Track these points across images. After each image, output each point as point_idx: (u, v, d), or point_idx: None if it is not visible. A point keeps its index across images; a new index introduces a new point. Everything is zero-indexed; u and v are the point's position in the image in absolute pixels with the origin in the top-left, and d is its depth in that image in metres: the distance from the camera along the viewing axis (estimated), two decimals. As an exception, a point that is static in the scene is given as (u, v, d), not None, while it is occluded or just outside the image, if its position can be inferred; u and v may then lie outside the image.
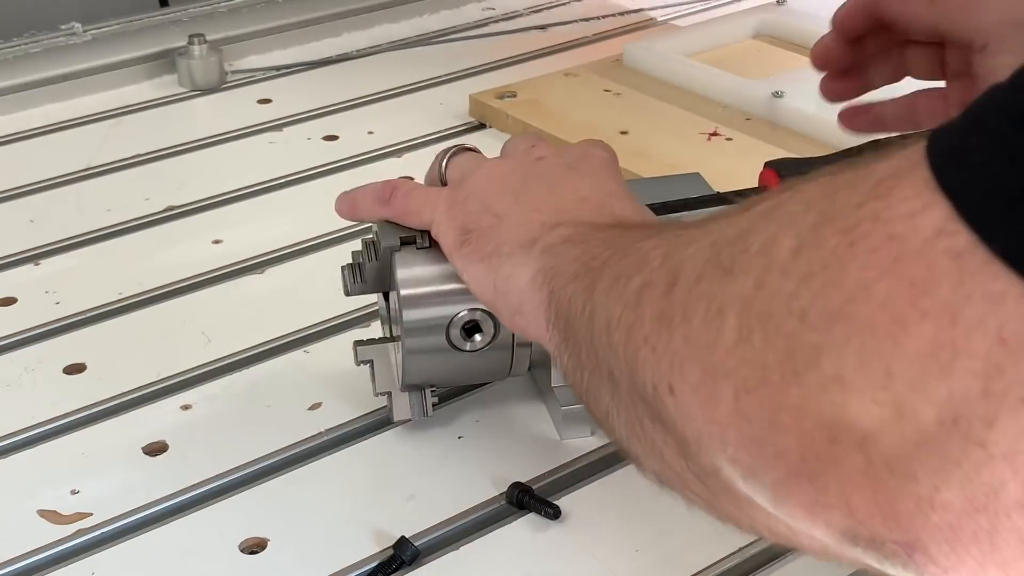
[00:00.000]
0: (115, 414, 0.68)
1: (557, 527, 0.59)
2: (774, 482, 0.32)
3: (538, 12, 1.26)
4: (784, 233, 0.32)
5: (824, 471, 0.30)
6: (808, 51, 1.09)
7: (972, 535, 0.28)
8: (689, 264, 0.36)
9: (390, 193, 0.61)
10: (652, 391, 0.36)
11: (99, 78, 1.07)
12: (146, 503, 0.61)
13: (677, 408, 0.35)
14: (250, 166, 0.95)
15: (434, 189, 0.61)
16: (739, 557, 0.57)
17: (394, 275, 0.60)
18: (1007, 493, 0.28)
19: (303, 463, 0.64)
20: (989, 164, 0.27)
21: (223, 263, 0.82)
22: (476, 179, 0.57)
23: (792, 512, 0.32)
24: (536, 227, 0.52)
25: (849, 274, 0.30)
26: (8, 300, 0.79)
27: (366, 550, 0.58)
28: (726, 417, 0.33)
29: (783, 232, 0.32)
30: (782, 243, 0.32)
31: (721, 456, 0.34)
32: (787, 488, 0.32)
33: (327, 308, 0.76)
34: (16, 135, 1.01)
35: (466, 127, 1.01)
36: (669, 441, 0.37)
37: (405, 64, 1.14)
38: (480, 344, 0.60)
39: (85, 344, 0.74)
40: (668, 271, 0.37)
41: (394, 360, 0.64)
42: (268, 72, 1.12)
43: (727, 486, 0.35)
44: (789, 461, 0.31)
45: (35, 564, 0.58)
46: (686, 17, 1.25)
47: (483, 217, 0.55)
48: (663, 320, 0.36)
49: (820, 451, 0.30)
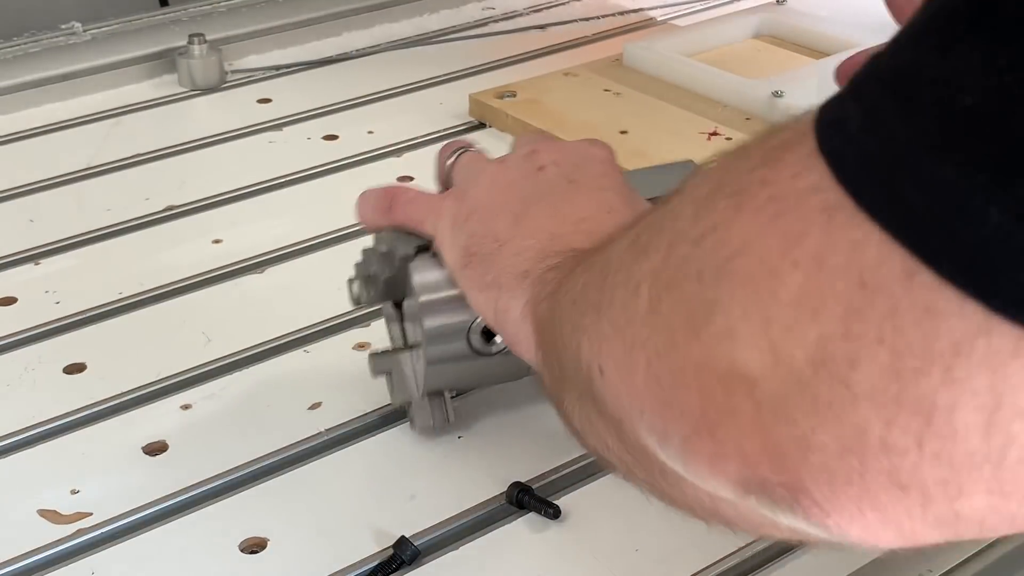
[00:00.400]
0: (115, 414, 0.68)
1: (557, 527, 0.59)
2: (682, 441, 0.34)
3: (538, 12, 1.26)
4: (685, 205, 0.35)
5: (721, 422, 0.32)
6: (808, 51, 1.10)
7: (846, 476, 0.30)
8: (616, 254, 0.39)
9: (390, 201, 0.61)
10: (588, 379, 0.39)
11: (99, 78, 1.07)
12: (146, 503, 0.61)
13: (606, 388, 0.37)
14: (250, 166, 0.95)
15: (436, 197, 0.61)
16: (739, 557, 0.57)
17: (411, 283, 0.59)
18: (872, 433, 0.29)
19: (303, 463, 0.64)
20: (861, 129, 0.29)
21: (223, 263, 0.82)
22: (479, 193, 0.58)
23: (699, 470, 0.34)
24: (531, 257, 0.53)
25: (734, 232, 0.32)
26: (8, 300, 0.79)
27: (366, 550, 0.58)
28: (641, 385, 0.35)
29: (685, 204, 0.35)
30: (684, 213, 0.34)
31: (641, 426, 0.36)
32: (692, 445, 0.33)
33: (327, 308, 0.77)
34: (16, 135, 1.01)
35: (466, 127, 1.01)
36: (609, 428, 0.39)
37: (405, 64, 1.14)
38: (500, 346, 0.60)
39: (85, 344, 0.74)
40: (601, 266, 0.40)
41: (412, 368, 0.63)
42: (268, 72, 1.12)
43: (654, 460, 0.37)
44: (692, 417, 0.33)
45: (35, 564, 0.58)
46: (686, 17, 1.25)
47: (485, 242, 0.56)
48: (596, 309, 0.39)
49: (718, 403, 0.32)
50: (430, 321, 0.59)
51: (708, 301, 0.32)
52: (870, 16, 1.21)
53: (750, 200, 0.32)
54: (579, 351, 0.40)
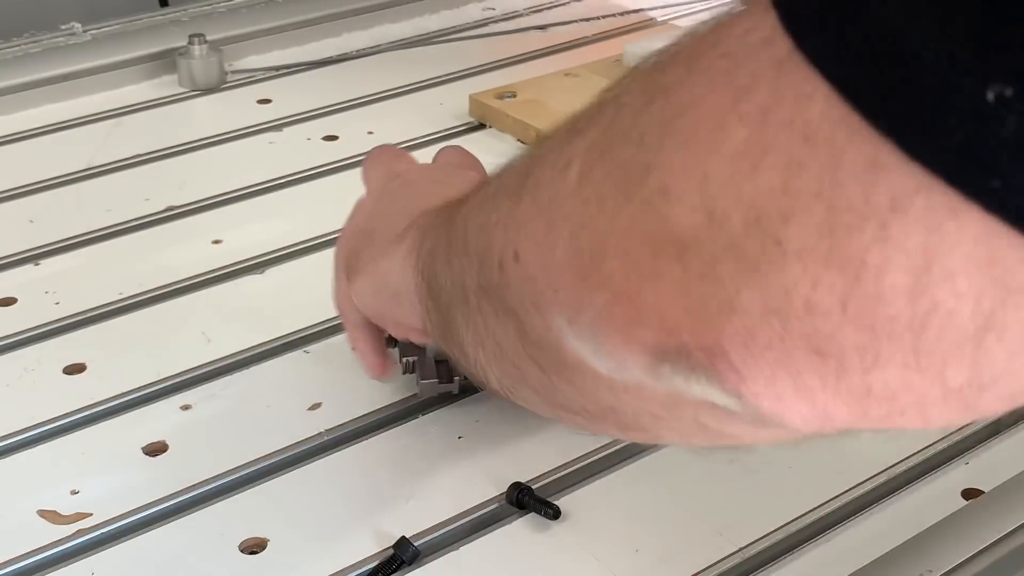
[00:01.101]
0: (115, 414, 0.68)
1: (557, 527, 0.59)
2: (597, 312, 0.33)
3: (538, 12, 1.26)
4: (635, 82, 0.34)
5: (644, 286, 0.32)
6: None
7: (767, 340, 0.29)
8: (542, 146, 0.38)
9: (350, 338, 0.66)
10: (499, 270, 0.38)
11: (99, 78, 1.07)
12: (146, 503, 0.61)
13: (519, 274, 0.36)
14: (250, 166, 0.95)
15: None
16: (739, 557, 0.57)
17: None
18: (797, 293, 0.28)
19: (303, 463, 0.64)
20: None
21: (223, 263, 0.82)
22: (346, 226, 0.63)
23: (611, 343, 0.33)
24: (404, 221, 0.53)
25: (683, 92, 0.31)
26: (8, 300, 0.79)
27: (366, 550, 0.58)
28: (561, 259, 0.34)
29: (634, 83, 0.34)
30: (631, 90, 0.33)
31: (553, 308, 0.35)
32: (609, 314, 0.33)
33: (327, 308, 0.76)
34: (16, 135, 1.01)
35: (466, 127, 1.01)
36: (507, 328, 0.38)
37: (405, 64, 1.14)
38: None
39: (85, 344, 0.74)
40: (520, 163, 0.39)
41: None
42: (268, 72, 1.12)
43: (558, 355, 0.36)
44: (613, 284, 0.32)
45: (35, 564, 0.58)
46: (686, 17, 1.25)
47: (357, 240, 0.58)
48: (515, 195, 0.38)
49: (643, 267, 0.31)
50: None
51: (645, 163, 0.31)
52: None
53: (701, 60, 0.31)
54: (488, 247, 0.39)
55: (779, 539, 0.58)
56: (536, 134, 0.96)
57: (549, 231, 0.35)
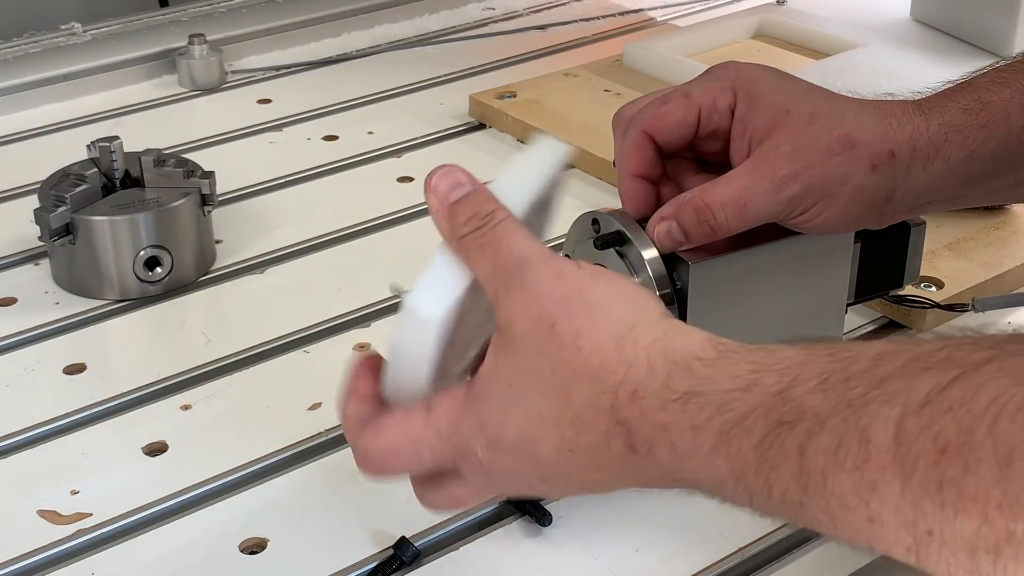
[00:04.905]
0: (115, 414, 0.68)
1: (557, 527, 0.59)
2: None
3: (538, 12, 1.26)
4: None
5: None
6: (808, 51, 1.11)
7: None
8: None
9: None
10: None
11: (99, 78, 1.07)
12: (146, 503, 0.61)
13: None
14: (250, 166, 0.95)
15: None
16: (739, 557, 0.57)
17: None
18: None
19: (303, 463, 0.64)
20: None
21: (223, 263, 0.82)
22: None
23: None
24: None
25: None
26: (8, 300, 0.79)
27: (366, 550, 0.58)
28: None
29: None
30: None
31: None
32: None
33: (327, 308, 0.77)
34: (16, 135, 1.01)
35: (466, 127, 1.01)
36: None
37: (405, 64, 1.14)
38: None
39: (85, 344, 0.74)
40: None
41: None
42: (268, 72, 1.12)
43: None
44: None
45: (35, 564, 0.58)
46: (686, 17, 1.25)
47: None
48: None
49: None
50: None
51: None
52: (870, 16, 1.22)
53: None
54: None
55: (779, 539, 0.58)
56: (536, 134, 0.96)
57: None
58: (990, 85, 0.61)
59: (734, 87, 0.60)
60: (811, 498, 0.39)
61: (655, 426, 0.43)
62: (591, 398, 0.45)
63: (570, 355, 0.45)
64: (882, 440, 0.36)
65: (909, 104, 0.60)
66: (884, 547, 0.37)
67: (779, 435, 0.39)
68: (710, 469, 0.42)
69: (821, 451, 0.38)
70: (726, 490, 0.42)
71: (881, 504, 0.36)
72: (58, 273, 0.79)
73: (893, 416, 0.36)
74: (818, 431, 0.38)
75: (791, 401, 0.40)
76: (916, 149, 0.59)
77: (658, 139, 0.60)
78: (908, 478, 0.35)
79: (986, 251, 0.79)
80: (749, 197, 0.57)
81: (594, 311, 0.46)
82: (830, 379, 0.39)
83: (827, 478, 0.38)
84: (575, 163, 0.94)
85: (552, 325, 0.46)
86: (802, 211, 0.58)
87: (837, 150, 0.57)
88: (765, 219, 0.58)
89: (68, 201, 0.76)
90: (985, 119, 0.59)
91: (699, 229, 0.57)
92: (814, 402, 0.39)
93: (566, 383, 0.45)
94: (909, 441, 0.36)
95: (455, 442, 0.48)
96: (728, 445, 0.41)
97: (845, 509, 0.38)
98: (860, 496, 0.37)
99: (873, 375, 0.38)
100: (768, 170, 0.57)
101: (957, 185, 0.60)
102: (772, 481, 0.40)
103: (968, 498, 0.34)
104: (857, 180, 0.58)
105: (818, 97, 0.60)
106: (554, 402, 0.46)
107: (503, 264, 0.48)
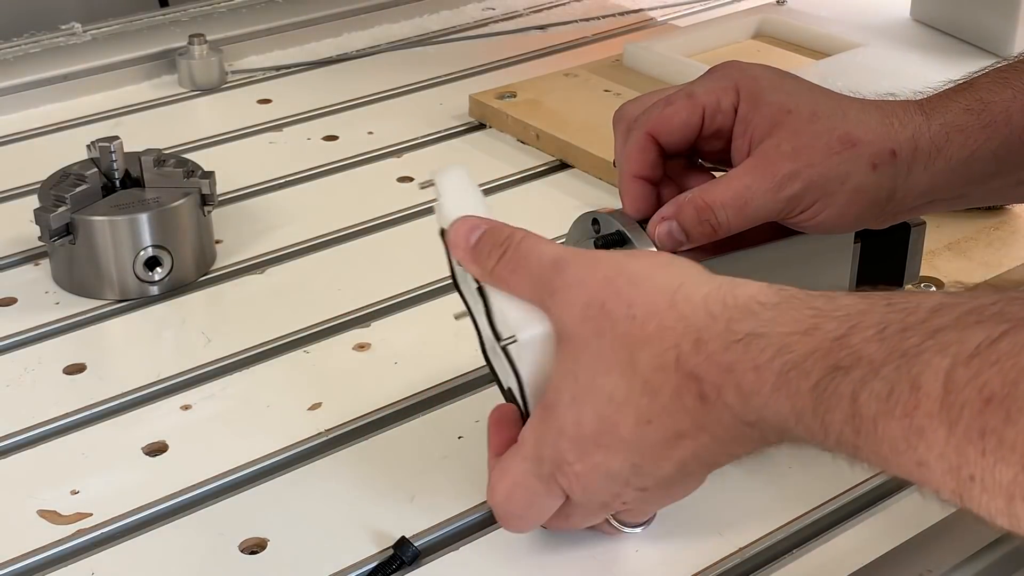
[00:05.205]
0: (115, 414, 0.68)
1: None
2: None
3: (538, 12, 1.26)
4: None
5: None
6: (808, 51, 1.10)
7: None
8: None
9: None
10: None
11: (99, 78, 1.07)
12: (146, 503, 0.61)
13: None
14: (250, 166, 0.95)
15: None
16: (739, 557, 0.57)
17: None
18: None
19: (303, 463, 0.64)
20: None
21: (223, 263, 0.82)
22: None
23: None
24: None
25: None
26: (8, 300, 0.79)
27: (366, 550, 0.58)
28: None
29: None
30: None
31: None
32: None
33: (327, 308, 0.77)
34: (16, 135, 1.01)
35: (466, 127, 1.01)
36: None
37: (405, 64, 1.14)
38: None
39: (85, 344, 0.74)
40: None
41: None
42: (268, 72, 1.12)
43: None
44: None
45: (35, 564, 0.58)
46: (686, 17, 1.25)
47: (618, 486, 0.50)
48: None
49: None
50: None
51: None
52: (870, 16, 1.22)
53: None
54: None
55: (779, 539, 0.58)
56: (536, 134, 0.96)
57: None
58: (991, 85, 0.61)
59: (737, 86, 0.60)
60: (864, 441, 0.40)
61: (721, 367, 0.45)
62: (656, 359, 0.46)
63: (626, 327, 0.47)
64: (932, 388, 0.38)
65: (911, 104, 0.60)
66: (931, 490, 0.39)
67: (834, 379, 0.41)
68: (774, 407, 0.44)
69: (873, 397, 0.40)
70: (789, 429, 0.44)
71: (928, 450, 0.38)
72: (58, 273, 0.79)
73: (944, 366, 0.38)
74: (872, 378, 0.40)
75: (848, 348, 0.41)
76: (917, 149, 0.59)
77: (662, 140, 0.60)
78: (953, 426, 0.37)
79: (986, 251, 0.79)
80: (749, 196, 0.57)
81: (639, 282, 0.48)
82: (887, 329, 0.41)
83: (878, 424, 0.40)
84: (575, 163, 0.94)
85: (602, 305, 0.48)
86: (802, 210, 0.58)
87: (838, 149, 0.58)
88: (765, 218, 0.58)
89: (68, 201, 0.76)
90: (987, 119, 0.59)
91: (700, 229, 0.57)
92: (870, 350, 0.41)
93: (629, 355, 0.47)
94: (957, 390, 0.37)
95: (546, 458, 0.50)
96: (788, 386, 0.43)
97: (895, 453, 0.39)
98: (908, 441, 0.38)
99: (928, 326, 0.39)
100: (768, 169, 0.57)
101: (958, 185, 0.60)
102: (828, 423, 0.42)
103: (1007, 447, 0.36)
104: (858, 179, 0.58)
105: (819, 96, 0.60)
106: (621, 379, 0.47)
107: (539, 273, 0.49)
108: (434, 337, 0.74)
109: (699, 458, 0.49)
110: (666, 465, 0.49)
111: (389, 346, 0.73)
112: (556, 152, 0.95)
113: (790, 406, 0.43)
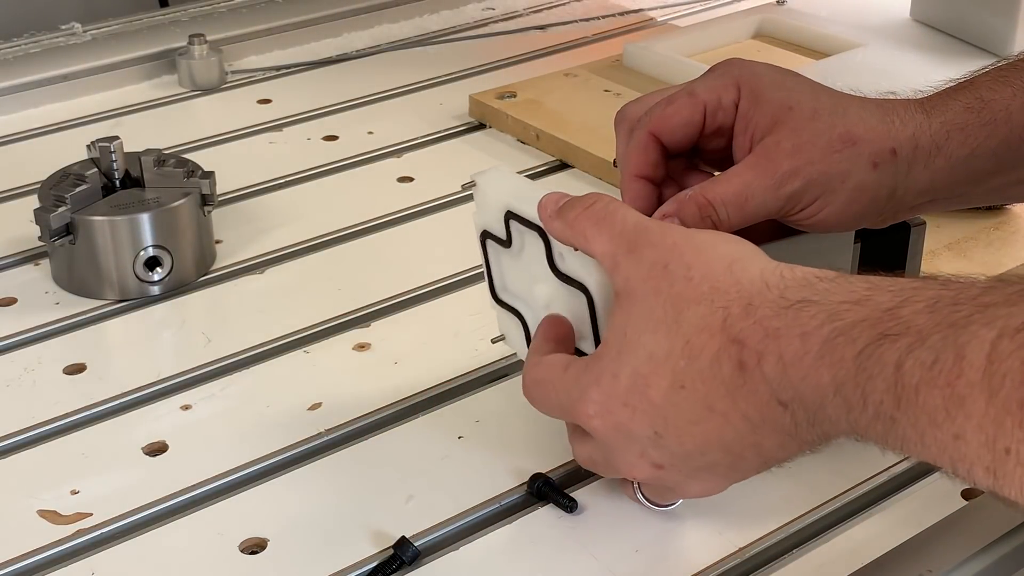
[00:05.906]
0: (115, 414, 0.68)
1: (557, 528, 0.59)
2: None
3: (538, 12, 1.26)
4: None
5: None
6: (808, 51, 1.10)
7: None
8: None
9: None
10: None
11: (99, 78, 1.07)
12: (146, 503, 0.61)
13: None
14: (250, 166, 0.95)
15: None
16: (739, 557, 0.57)
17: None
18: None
19: (303, 463, 0.64)
20: None
21: (224, 263, 0.82)
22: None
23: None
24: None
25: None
26: (8, 300, 0.79)
27: (366, 550, 0.58)
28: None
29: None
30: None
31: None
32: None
33: (327, 308, 0.77)
34: (16, 135, 1.01)
35: (466, 127, 1.01)
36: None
37: (405, 64, 1.14)
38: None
39: (85, 344, 0.74)
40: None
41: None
42: (268, 72, 1.12)
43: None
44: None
45: (35, 564, 0.58)
46: (686, 17, 1.25)
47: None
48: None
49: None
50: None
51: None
52: (870, 16, 1.22)
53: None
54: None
55: (779, 539, 0.58)
56: (536, 134, 0.96)
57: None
58: (992, 84, 0.61)
59: (738, 83, 0.60)
60: (903, 412, 0.41)
61: (767, 333, 0.46)
62: (702, 319, 0.48)
63: (681, 287, 0.49)
64: (976, 358, 0.39)
65: (911, 102, 0.60)
66: (966, 466, 0.39)
67: (880, 345, 0.42)
68: (814, 378, 0.44)
69: (918, 365, 0.40)
70: (826, 404, 0.45)
71: (966, 420, 0.38)
72: (58, 273, 0.79)
73: (989, 337, 0.38)
74: (918, 346, 0.41)
75: (898, 319, 0.42)
76: (918, 147, 0.59)
77: (664, 140, 0.61)
78: (994, 395, 0.38)
79: (986, 251, 0.79)
80: (750, 193, 0.57)
81: (702, 249, 0.50)
82: (939, 303, 0.42)
83: (920, 392, 0.40)
84: (575, 163, 0.94)
85: (665, 266, 0.50)
86: (802, 208, 0.58)
87: (838, 147, 0.58)
88: (766, 215, 0.58)
89: (68, 201, 0.76)
90: (987, 117, 0.59)
91: (701, 225, 0.58)
92: (920, 321, 0.41)
93: (677, 313, 0.49)
94: (1000, 360, 0.38)
95: (572, 400, 0.52)
96: (832, 353, 0.44)
97: (933, 425, 0.40)
98: (948, 411, 0.39)
99: (979, 301, 0.40)
100: (769, 166, 0.57)
101: (959, 183, 0.60)
102: (868, 392, 0.42)
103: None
104: (858, 177, 0.58)
105: (820, 94, 0.60)
106: (664, 337, 0.49)
107: (621, 230, 0.52)
108: (434, 337, 0.74)
109: (723, 443, 0.49)
110: (688, 442, 0.49)
111: (389, 346, 0.73)
112: (556, 152, 0.95)
113: (831, 376, 0.44)
